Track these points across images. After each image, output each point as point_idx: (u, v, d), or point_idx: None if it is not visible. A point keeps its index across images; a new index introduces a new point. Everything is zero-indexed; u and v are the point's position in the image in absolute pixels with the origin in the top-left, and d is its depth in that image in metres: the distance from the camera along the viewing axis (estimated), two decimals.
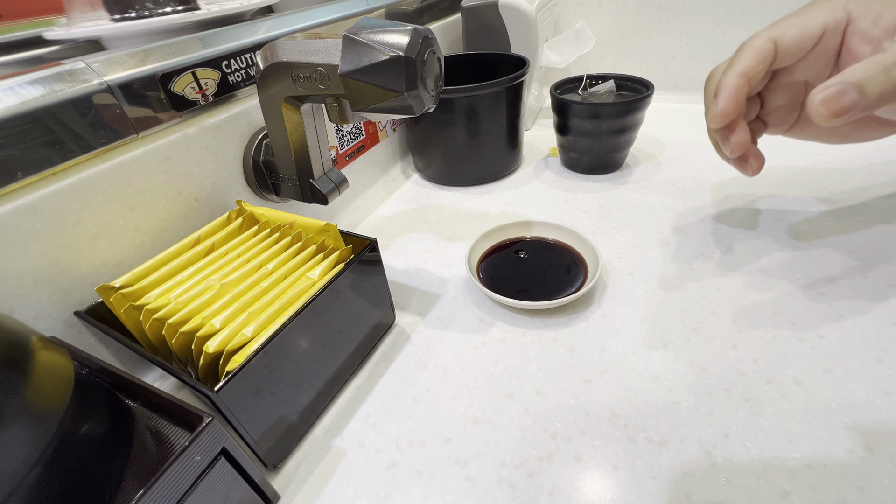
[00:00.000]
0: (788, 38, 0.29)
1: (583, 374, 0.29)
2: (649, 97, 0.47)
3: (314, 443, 0.28)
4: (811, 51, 0.30)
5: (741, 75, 0.30)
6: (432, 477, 0.25)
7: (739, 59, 0.30)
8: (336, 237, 0.30)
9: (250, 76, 0.36)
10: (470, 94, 0.46)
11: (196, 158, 0.32)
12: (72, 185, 0.26)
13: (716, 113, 0.31)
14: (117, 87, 0.28)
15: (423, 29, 0.24)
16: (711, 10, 0.63)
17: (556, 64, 0.61)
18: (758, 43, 0.30)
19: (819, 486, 0.22)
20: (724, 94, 0.31)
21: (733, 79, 0.30)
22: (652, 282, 0.36)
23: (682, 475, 0.24)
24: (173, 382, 0.32)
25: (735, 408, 0.26)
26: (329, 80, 0.25)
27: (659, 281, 0.36)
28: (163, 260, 0.28)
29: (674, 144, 0.57)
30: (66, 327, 0.27)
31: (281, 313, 0.25)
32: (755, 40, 0.30)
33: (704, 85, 0.35)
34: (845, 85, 0.25)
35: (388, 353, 0.33)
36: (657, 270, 0.37)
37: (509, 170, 0.55)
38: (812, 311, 0.31)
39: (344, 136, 0.47)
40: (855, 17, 0.28)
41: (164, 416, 0.20)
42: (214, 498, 0.20)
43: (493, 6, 0.57)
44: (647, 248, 0.40)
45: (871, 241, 0.36)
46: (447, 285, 0.39)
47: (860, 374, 0.27)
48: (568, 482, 0.24)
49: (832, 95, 0.25)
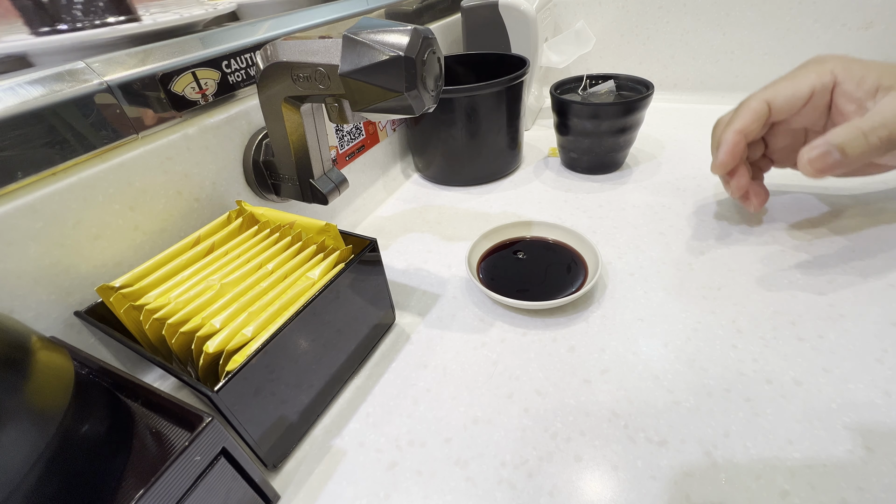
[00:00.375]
0: (780, 100, 0.34)
1: (583, 374, 0.29)
2: (649, 97, 0.47)
3: (314, 443, 0.28)
4: (803, 107, 0.34)
5: (738, 132, 0.35)
6: (432, 477, 0.25)
7: (738, 117, 0.35)
8: (336, 237, 0.30)
9: (250, 76, 0.36)
10: (470, 94, 0.46)
11: (196, 158, 0.32)
12: (72, 185, 0.26)
13: (716, 164, 0.37)
14: (117, 87, 0.28)
15: (423, 29, 0.24)
16: (711, 10, 0.63)
17: (556, 64, 0.61)
18: (753, 104, 0.35)
19: (819, 486, 0.22)
20: (724, 148, 0.35)
21: (731, 135, 0.35)
22: (652, 282, 0.36)
23: (682, 475, 0.24)
24: (173, 382, 0.32)
25: (735, 408, 0.26)
26: (329, 80, 0.25)
27: (659, 281, 0.36)
28: (163, 260, 0.28)
29: (674, 144, 0.57)
30: (66, 327, 0.27)
31: (281, 313, 0.25)
32: (751, 101, 0.35)
33: (711, 132, 0.40)
34: (829, 146, 0.29)
35: (388, 353, 0.33)
36: (657, 270, 0.37)
37: (509, 170, 0.55)
38: (812, 311, 0.32)
39: (344, 136, 0.47)
40: (841, 81, 0.32)
41: (164, 416, 0.20)
42: (214, 498, 0.20)
43: (493, 6, 0.57)
44: (647, 248, 0.40)
45: (871, 241, 0.36)
46: (447, 285, 0.39)
47: (860, 374, 0.27)
48: (568, 482, 0.24)
49: (817, 156, 0.30)
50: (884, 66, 0.32)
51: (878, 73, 0.31)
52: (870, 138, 0.29)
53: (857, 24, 0.57)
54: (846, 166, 0.30)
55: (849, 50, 0.58)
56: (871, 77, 0.31)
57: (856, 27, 0.57)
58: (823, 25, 0.58)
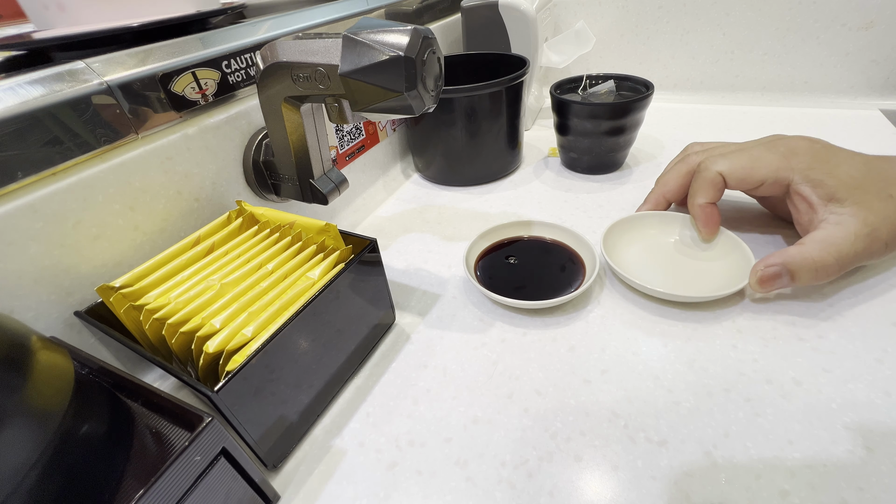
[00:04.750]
0: (733, 179, 0.35)
1: (583, 374, 0.29)
2: (649, 97, 0.47)
3: (314, 443, 0.28)
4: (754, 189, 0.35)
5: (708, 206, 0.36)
6: (432, 477, 0.25)
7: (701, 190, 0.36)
8: (336, 237, 0.30)
9: (250, 76, 0.36)
10: (470, 94, 0.46)
11: (196, 158, 0.32)
12: (72, 185, 0.26)
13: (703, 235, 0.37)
14: (117, 87, 0.28)
15: (423, 29, 0.24)
16: (711, 10, 0.63)
17: (556, 64, 0.61)
18: (710, 177, 0.36)
19: (819, 486, 0.22)
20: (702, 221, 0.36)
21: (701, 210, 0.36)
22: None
23: (682, 475, 0.24)
24: (173, 382, 0.32)
25: (735, 408, 0.26)
26: (329, 80, 0.25)
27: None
28: (163, 260, 0.28)
29: (674, 144, 0.57)
30: (66, 327, 0.27)
31: (281, 313, 0.25)
32: (707, 173, 0.36)
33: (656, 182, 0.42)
34: (782, 269, 0.31)
35: (388, 353, 0.33)
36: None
37: (509, 170, 0.55)
38: (812, 311, 0.32)
39: (344, 136, 0.47)
40: (797, 181, 0.33)
41: (164, 416, 0.20)
42: (214, 498, 0.20)
43: (493, 6, 0.57)
44: None
45: None
46: (447, 285, 0.39)
47: (860, 374, 0.27)
48: (568, 482, 0.24)
49: (769, 276, 0.31)
50: (843, 175, 0.32)
51: (835, 185, 0.31)
52: (819, 274, 0.31)
53: (857, 24, 0.57)
54: (788, 287, 0.32)
55: (849, 50, 0.58)
56: (827, 186, 0.32)
57: (856, 27, 0.57)
58: (823, 25, 0.58)
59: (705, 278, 0.35)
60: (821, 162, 0.33)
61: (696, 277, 0.35)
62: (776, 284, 0.31)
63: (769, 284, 0.31)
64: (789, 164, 0.33)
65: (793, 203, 0.34)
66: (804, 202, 0.33)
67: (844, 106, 0.61)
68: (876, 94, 0.60)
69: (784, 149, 0.34)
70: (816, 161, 0.33)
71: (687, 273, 0.36)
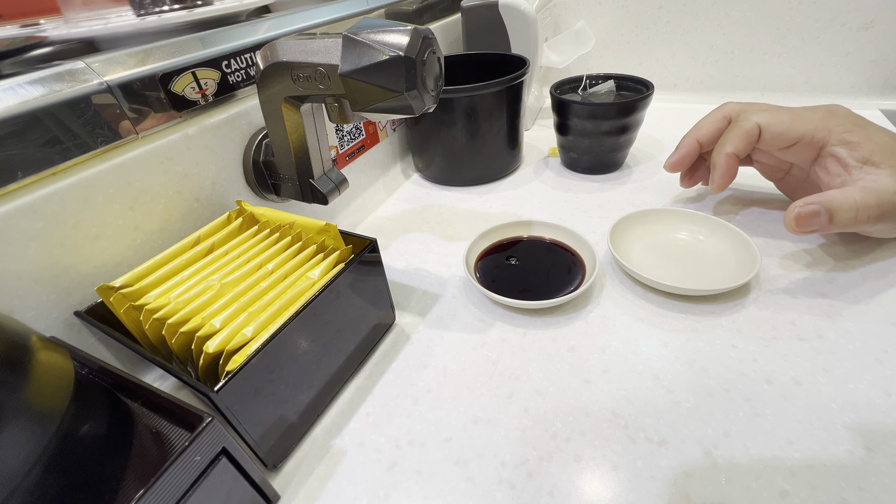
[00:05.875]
0: (771, 132, 0.35)
1: (583, 374, 0.29)
2: (649, 97, 0.47)
3: (314, 443, 0.28)
4: (789, 148, 0.35)
5: (732, 156, 0.36)
6: (432, 477, 0.25)
7: (732, 138, 0.36)
8: (336, 237, 0.30)
9: (250, 76, 0.36)
10: (470, 94, 0.46)
11: (196, 158, 0.32)
12: (72, 185, 0.26)
13: (713, 185, 0.38)
14: (117, 87, 0.28)
15: (423, 29, 0.24)
16: (711, 10, 0.63)
17: (556, 64, 0.61)
18: (748, 126, 0.35)
19: (819, 486, 0.22)
20: (719, 172, 0.37)
21: (724, 159, 0.36)
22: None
23: (682, 475, 0.24)
24: (173, 382, 0.32)
25: (735, 408, 0.26)
26: (329, 80, 0.25)
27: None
28: (163, 260, 0.28)
29: (674, 144, 0.56)
30: (66, 327, 0.27)
31: (281, 313, 0.25)
32: (745, 122, 0.36)
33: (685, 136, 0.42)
34: (821, 207, 0.30)
35: (388, 353, 0.33)
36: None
37: (509, 170, 0.55)
38: (812, 311, 0.31)
39: (344, 136, 0.47)
40: (833, 143, 0.33)
41: (164, 416, 0.20)
42: (214, 498, 0.20)
43: (493, 6, 0.57)
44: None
45: (871, 241, 0.36)
46: (447, 285, 0.39)
47: (860, 374, 0.27)
48: (568, 482, 0.24)
49: (808, 213, 0.31)
50: (879, 140, 0.32)
51: (872, 148, 0.32)
52: (860, 214, 0.30)
53: (857, 24, 0.57)
54: (828, 230, 0.32)
55: (849, 50, 0.58)
56: (864, 148, 0.32)
57: (856, 27, 0.57)
58: (823, 25, 0.58)
59: (710, 273, 0.35)
60: (858, 126, 0.33)
61: (702, 272, 0.35)
62: (813, 224, 0.30)
63: (806, 223, 0.31)
64: (827, 126, 0.34)
65: (824, 167, 0.34)
66: (838, 164, 0.33)
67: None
68: (876, 94, 0.60)
69: (824, 110, 0.35)
70: (854, 125, 0.33)
71: (692, 268, 0.36)
